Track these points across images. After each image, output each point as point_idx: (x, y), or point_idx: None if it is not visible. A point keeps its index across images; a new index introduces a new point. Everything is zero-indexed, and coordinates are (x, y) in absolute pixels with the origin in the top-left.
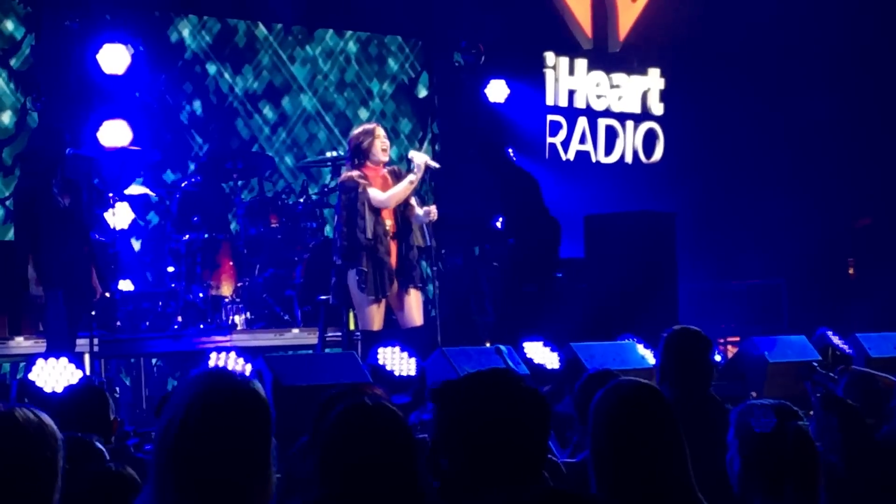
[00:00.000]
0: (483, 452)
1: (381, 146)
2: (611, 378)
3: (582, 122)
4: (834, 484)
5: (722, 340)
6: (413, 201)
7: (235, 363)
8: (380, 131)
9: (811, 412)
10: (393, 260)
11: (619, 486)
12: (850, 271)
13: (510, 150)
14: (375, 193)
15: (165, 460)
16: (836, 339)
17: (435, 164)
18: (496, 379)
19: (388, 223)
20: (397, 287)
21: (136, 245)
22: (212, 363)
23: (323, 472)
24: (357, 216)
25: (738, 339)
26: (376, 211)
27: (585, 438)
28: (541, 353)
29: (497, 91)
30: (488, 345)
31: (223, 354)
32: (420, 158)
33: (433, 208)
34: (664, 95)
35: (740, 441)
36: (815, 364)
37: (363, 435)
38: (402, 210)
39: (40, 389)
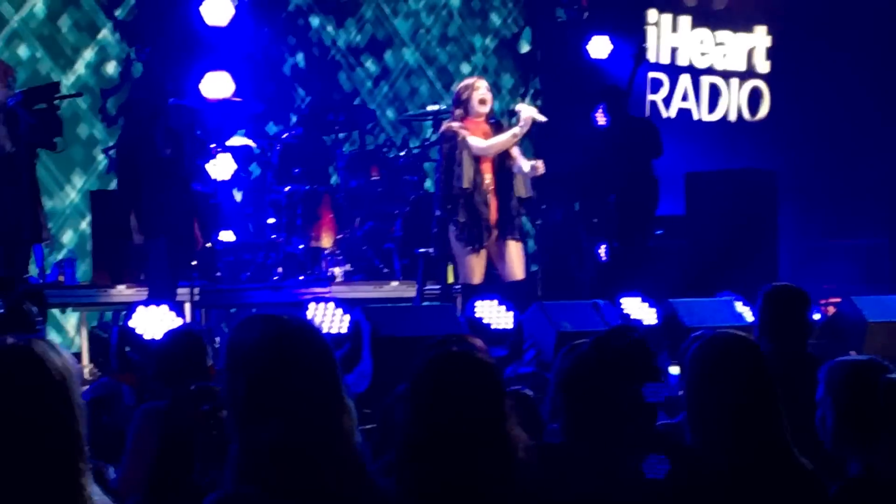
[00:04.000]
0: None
1: (480, 97)
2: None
3: (685, 80)
4: None
5: (823, 300)
6: (516, 152)
7: (334, 313)
8: (480, 83)
9: None
10: (492, 211)
11: (714, 437)
12: None
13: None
14: (475, 141)
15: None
16: None
17: (542, 118)
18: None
19: (488, 174)
20: (497, 239)
21: (238, 196)
22: (310, 313)
23: (412, 420)
24: (455, 164)
25: (839, 299)
26: (476, 160)
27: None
28: (639, 309)
29: (599, 47)
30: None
31: (322, 304)
32: (527, 112)
33: (540, 163)
34: (770, 53)
35: (832, 398)
36: None
37: (451, 382)
38: (504, 161)
39: (140, 336)
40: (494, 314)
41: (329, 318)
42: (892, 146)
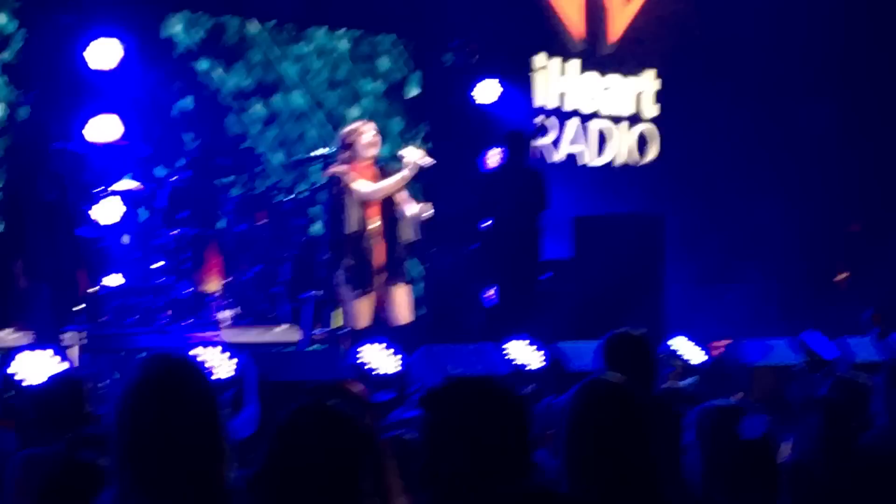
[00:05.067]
0: (472, 456)
1: (367, 141)
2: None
3: (573, 124)
4: (812, 489)
5: (712, 343)
6: (403, 196)
7: (221, 358)
8: (366, 127)
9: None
10: (379, 255)
11: (591, 482)
12: (841, 275)
13: (496, 151)
14: (361, 186)
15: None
16: (820, 343)
17: (428, 161)
18: (481, 385)
19: (375, 217)
20: (384, 282)
21: (126, 240)
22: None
23: (265, 470)
24: (342, 208)
25: (728, 341)
26: (363, 205)
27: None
28: (525, 352)
29: (487, 91)
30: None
31: (209, 349)
32: (414, 155)
33: (429, 206)
34: (659, 97)
35: (703, 443)
36: (799, 367)
37: (308, 439)
38: (391, 205)
39: (20, 382)
40: (381, 358)
41: (216, 363)
42: (779, 190)
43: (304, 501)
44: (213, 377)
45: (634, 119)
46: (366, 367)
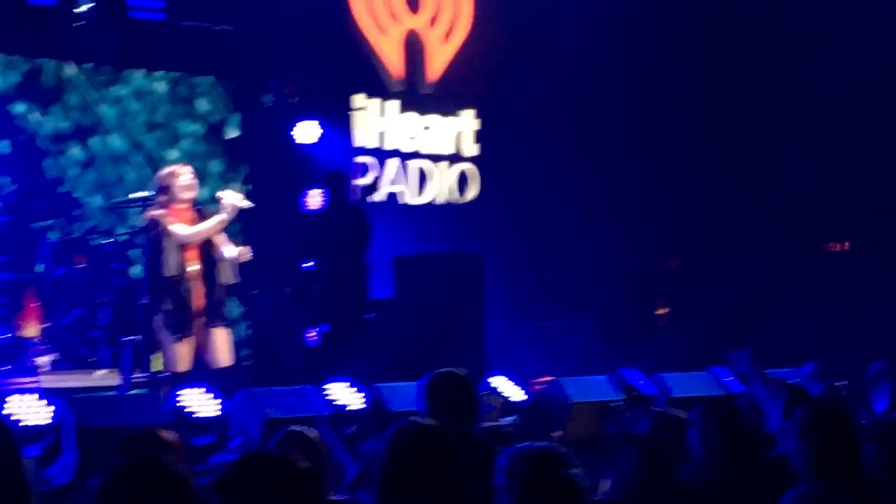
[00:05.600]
0: None
1: (183, 184)
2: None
3: (393, 164)
4: None
5: (532, 380)
6: (221, 239)
7: (38, 405)
8: (183, 170)
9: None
10: (198, 298)
11: None
12: (660, 311)
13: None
14: (179, 229)
15: None
16: (636, 379)
17: (246, 204)
18: (272, 465)
19: (193, 261)
20: (204, 325)
21: None
22: (12, 406)
23: None
24: (160, 252)
25: (549, 378)
26: (181, 248)
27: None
28: (346, 394)
29: (307, 132)
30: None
31: (25, 396)
32: (230, 198)
33: (247, 249)
34: (478, 136)
35: (512, 486)
36: (617, 404)
37: (134, 491)
38: (210, 248)
39: None
40: (201, 402)
41: (33, 410)
42: (597, 227)
43: None
44: (29, 424)
45: (455, 158)
46: (185, 411)
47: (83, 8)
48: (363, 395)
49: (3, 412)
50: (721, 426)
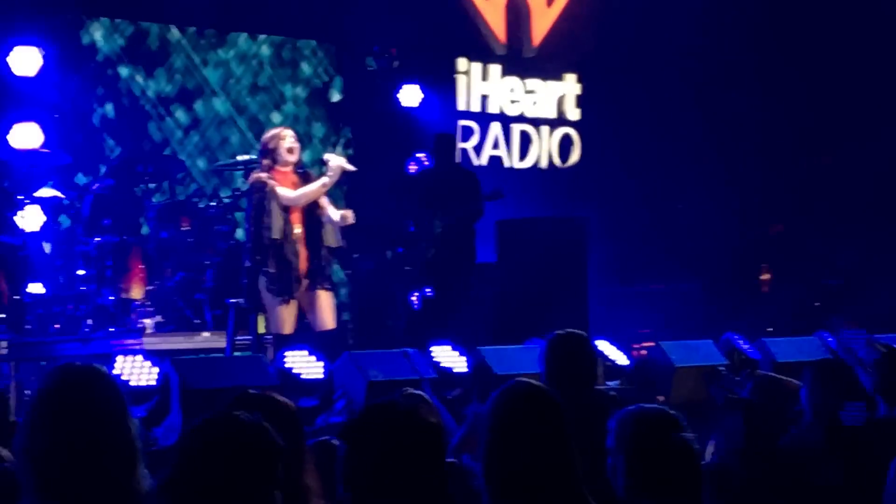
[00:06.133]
0: (392, 481)
1: (287, 147)
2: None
3: (495, 128)
4: (731, 489)
5: (635, 345)
6: (325, 202)
7: (143, 366)
8: (286, 132)
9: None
10: (301, 261)
11: (508, 483)
12: (763, 277)
13: (421, 156)
14: (284, 192)
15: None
16: (742, 344)
17: (350, 167)
18: (397, 414)
19: (297, 224)
20: (307, 288)
21: (47, 248)
22: (118, 366)
23: (172, 479)
24: (264, 215)
25: (651, 343)
26: (285, 211)
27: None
28: (449, 357)
29: (410, 96)
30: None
31: (129, 357)
32: (335, 161)
33: (350, 212)
34: (580, 100)
35: (622, 449)
36: (722, 368)
37: (212, 450)
38: (314, 211)
39: None
40: (305, 364)
41: (138, 371)
42: (701, 192)
43: None
44: (136, 385)
45: (557, 122)
46: (293, 373)
47: None
48: (466, 358)
49: (112, 372)
50: (833, 387)
